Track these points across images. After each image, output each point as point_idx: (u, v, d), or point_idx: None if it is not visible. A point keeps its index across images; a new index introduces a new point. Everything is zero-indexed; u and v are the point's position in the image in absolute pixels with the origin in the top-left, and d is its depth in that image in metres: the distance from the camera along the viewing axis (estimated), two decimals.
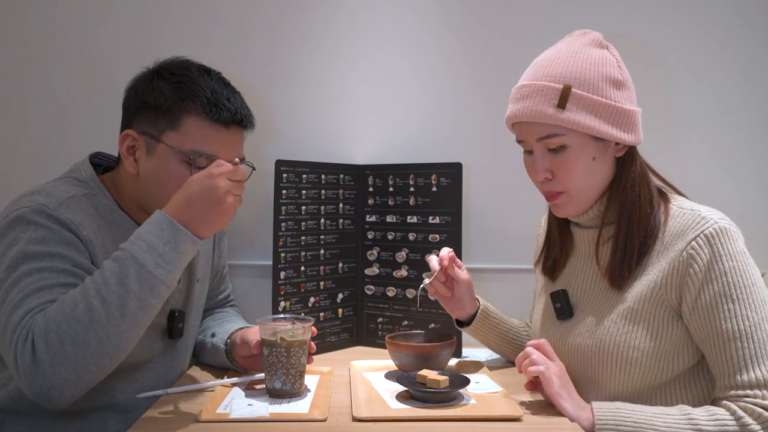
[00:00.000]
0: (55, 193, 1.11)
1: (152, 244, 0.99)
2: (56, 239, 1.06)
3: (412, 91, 1.66)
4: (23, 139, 1.62)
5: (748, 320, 1.03)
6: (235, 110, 1.16)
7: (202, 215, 1.02)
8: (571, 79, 1.10)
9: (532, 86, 1.12)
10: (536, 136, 1.12)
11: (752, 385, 1.01)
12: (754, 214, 1.67)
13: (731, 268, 1.04)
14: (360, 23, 1.64)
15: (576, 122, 1.09)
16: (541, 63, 1.14)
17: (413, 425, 1.01)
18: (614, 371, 1.10)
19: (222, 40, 1.62)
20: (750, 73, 1.66)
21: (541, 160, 1.13)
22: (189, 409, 1.07)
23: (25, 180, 1.59)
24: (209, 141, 1.14)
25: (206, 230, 1.04)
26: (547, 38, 1.22)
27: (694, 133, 1.66)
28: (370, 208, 1.59)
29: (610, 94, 1.10)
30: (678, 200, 1.15)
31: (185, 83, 1.14)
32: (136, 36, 1.60)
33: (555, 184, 1.14)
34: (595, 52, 1.12)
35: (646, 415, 1.02)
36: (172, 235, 1.00)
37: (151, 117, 1.14)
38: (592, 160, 1.12)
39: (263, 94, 1.63)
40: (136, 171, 1.17)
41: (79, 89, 1.60)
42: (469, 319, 1.33)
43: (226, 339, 1.28)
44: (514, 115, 1.14)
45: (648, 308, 1.09)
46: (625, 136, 1.11)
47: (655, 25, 1.65)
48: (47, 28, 1.60)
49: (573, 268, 1.23)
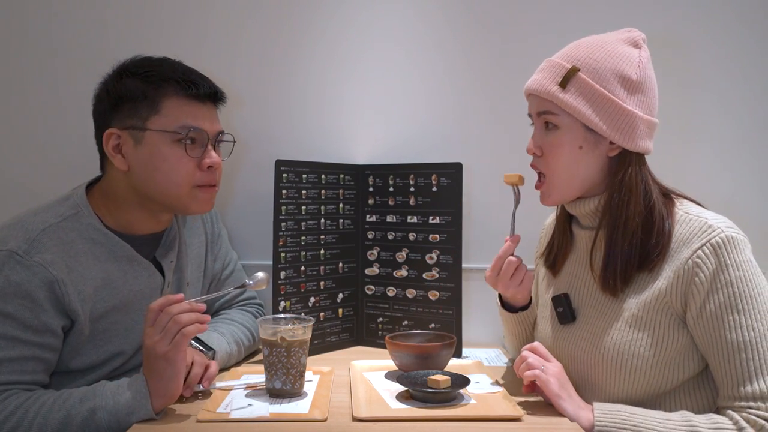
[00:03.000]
0: (30, 227, 1.12)
1: (117, 408, 1.01)
2: (15, 293, 1.06)
3: (412, 91, 1.66)
4: (24, 140, 1.62)
5: (754, 331, 1.02)
6: (208, 85, 1.21)
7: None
8: (583, 63, 1.10)
9: (550, 62, 1.14)
10: (537, 110, 1.15)
11: (755, 396, 1.00)
12: (754, 214, 1.67)
13: (737, 278, 1.03)
14: (360, 23, 1.64)
15: (570, 105, 1.09)
16: (572, 44, 1.16)
17: (413, 425, 1.01)
18: (617, 378, 1.09)
19: (222, 40, 1.62)
20: (750, 73, 1.66)
21: (535, 136, 1.16)
22: (189, 409, 1.07)
23: (25, 180, 1.59)
24: (193, 115, 1.18)
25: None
26: (547, 38, 1.22)
27: (694, 134, 1.66)
28: (370, 208, 1.59)
29: (613, 89, 1.09)
30: (684, 205, 1.13)
31: (154, 71, 1.18)
32: (136, 36, 1.60)
33: (540, 162, 1.16)
34: (623, 47, 1.12)
35: (647, 419, 1.01)
36: (138, 409, 1.01)
37: (130, 110, 1.17)
38: (578, 148, 1.11)
39: (263, 94, 1.63)
40: (126, 167, 1.18)
41: (79, 89, 1.60)
42: (516, 309, 1.33)
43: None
44: (527, 84, 1.17)
45: (652, 315, 1.08)
46: (616, 135, 1.09)
47: (656, 25, 1.65)
48: (47, 28, 1.60)
49: (574, 270, 1.22)
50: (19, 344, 1.06)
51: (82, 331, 1.13)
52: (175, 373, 1.03)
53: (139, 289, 1.21)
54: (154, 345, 1.01)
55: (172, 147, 1.16)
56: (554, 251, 1.26)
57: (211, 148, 1.20)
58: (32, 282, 1.07)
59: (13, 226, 1.12)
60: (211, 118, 1.22)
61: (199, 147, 1.19)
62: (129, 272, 1.20)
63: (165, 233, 1.29)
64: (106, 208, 1.21)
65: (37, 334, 1.08)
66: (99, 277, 1.15)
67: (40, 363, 1.09)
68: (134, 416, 1.01)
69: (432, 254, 1.51)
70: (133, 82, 1.17)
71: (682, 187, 1.19)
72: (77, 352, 1.14)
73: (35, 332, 1.07)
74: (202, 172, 1.19)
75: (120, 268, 1.19)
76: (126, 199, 1.21)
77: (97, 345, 1.16)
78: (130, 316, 1.20)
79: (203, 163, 1.19)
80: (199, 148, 1.19)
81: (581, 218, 1.20)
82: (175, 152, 1.16)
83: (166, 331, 1.01)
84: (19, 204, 1.30)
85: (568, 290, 1.21)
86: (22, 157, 1.61)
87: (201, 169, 1.19)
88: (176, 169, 1.17)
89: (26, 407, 1.02)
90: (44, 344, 1.09)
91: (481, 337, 1.57)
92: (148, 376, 1.03)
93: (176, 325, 1.01)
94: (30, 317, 1.07)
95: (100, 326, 1.16)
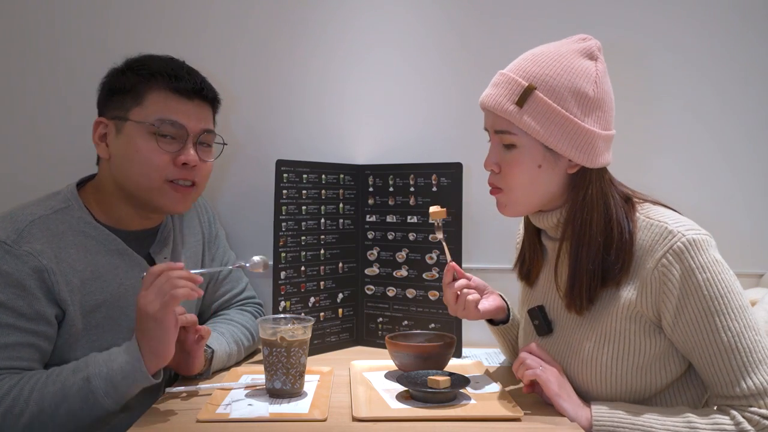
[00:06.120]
0: (19, 218, 1.13)
1: (111, 374, 1.03)
2: (5, 282, 1.07)
3: (413, 91, 1.66)
4: (24, 141, 1.62)
5: (731, 331, 1.01)
6: (195, 81, 1.22)
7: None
8: (539, 80, 1.07)
9: (505, 76, 1.11)
10: (494, 128, 1.12)
11: (746, 395, 1.00)
12: (754, 214, 1.67)
13: (705, 280, 1.02)
14: (360, 23, 1.64)
15: (528, 125, 1.07)
16: (526, 56, 1.12)
17: (413, 425, 1.01)
18: (601, 388, 1.08)
19: (221, 40, 1.62)
20: (750, 73, 1.66)
21: (492, 152, 1.14)
22: (189, 409, 1.07)
23: (25, 181, 1.59)
24: (173, 110, 1.19)
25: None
26: (547, 38, 1.22)
27: (694, 133, 1.66)
28: (371, 208, 1.59)
29: (571, 108, 1.06)
30: (646, 209, 1.11)
31: (147, 65, 1.21)
32: (133, 37, 1.60)
33: (498, 179, 1.14)
34: (579, 61, 1.09)
35: (646, 418, 1.01)
36: (133, 373, 1.03)
37: (119, 100, 1.20)
38: (537, 167, 1.09)
39: (263, 93, 1.63)
40: (107, 155, 1.21)
41: (79, 90, 1.60)
42: (497, 322, 1.33)
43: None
44: (482, 99, 1.14)
45: (625, 325, 1.07)
46: (575, 154, 1.07)
47: (655, 24, 1.64)
48: (46, 27, 1.60)
49: (547, 282, 1.20)
50: (14, 331, 1.07)
51: (74, 323, 1.14)
52: (165, 333, 1.03)
53: (130, 283, 1.21)
54: (146, 305, 1.03)
55: (146, 139, 1.17)
56: (527, 263, 1.25)
57: (190, 146, 1.20)
58: (22, 271, 1.08)
59: (2, 219, 1.14)
60: (196, 115, 1.22)
61: (178, 143, 1.19)
62: (120, 266, 1.21)
63: (159, 230, 1.30)
64: (96, 203, 1.23)
65: (32, 321, 1.09)
66: (88, 270, 1.16)
67: (35, 351, 1.10)
68: (130, 380, 1.02)
69: (432, 254, 1.51)
70: (126, 75, 1.20)
71: (682, 186, 1.19)
72: (72, 347, 1.15)
73: (29, 320, 1.08)
74: (176, 167, 1.19)
75: (110, 262, 1.20)
76: (113, 193, 1.22)
77: (91, 340, 1.16)
78: (124, 312, 1.20)
79: (178, 159, 1.19)
80: (177, 143, 1.19)
81: (548, 230, 1.18)
82: (149, 144, 1.17)
83: (158, 292, 1.03)
84: (16, 203, 1.30)
85: (543, 302, 1.20)
86: (19, 156, 1.61)
87: (176, 165, 1.19)
88: (148, 161, 1.17)
89: (21, 386, 1.03)
90: (39, 332, 1.09)
91: (481, 337, 1.56)
92: (140, 338, 1.04)
93: (170, 286, 1.03)
94: (23, 305, 1.08)
95: (93, 320, 1.17)
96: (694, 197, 1.17)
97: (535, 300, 1.23)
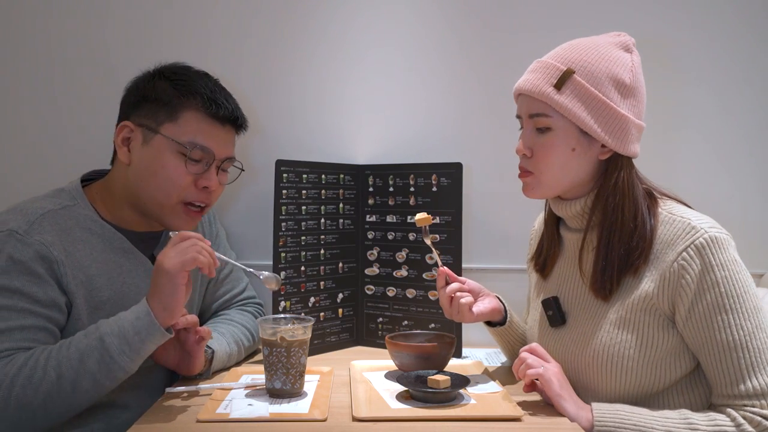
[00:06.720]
0: (29, 210, 1.14)
1: (123, 331, 1.03)
2: (19, 270, 1.08)
3: (413, 91, 1.66)
4: (24, 141, 1.62)
5: (743, 330, 1.02)
6: (231, 109, 1.24)
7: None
8: (577, 65, 1.10)
9: (543, 63, 1.14)
10: (529, 112, 1.13)
11: (750, 395, 1.01)
12: (754, 214, 1.67)
13: (723, 278, 1.03)
14: (360, 23, 1.64)
15: (566, 107, 1.09)
16: (563, 46, 1.15)
17: (413, 425, 1.01)
18: (607, 380, 1.09)
19: (222, 40, 1.62)
20: (750, 73, 1.66)
21: (526, 137, 1.15)
22: (189, 409, 1.07)
23: (26, 180, 1.59)
24: (206, 135, 1.20)
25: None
26: (547, 38, 1.22)
27: (694, 133, 1.66)
28: (371, 208, 1.59)
29: (609, 93, 1.09)
30: (668, 205, 1.13)
31: (186, 81, 1.21)
32: (135, 36, 1.60)
33: (530, 163, 1.15)
34: (616, 51, 1.12)
35: (646, 418, 1.02)
36: (145, 327, 1.04)
37: (151, 110, 1.19)
38: (571, 150, 1.11)
39: (263, 93, 1.63)
40: (128, 160, 1.20)
41: (78, 90, 1.60)
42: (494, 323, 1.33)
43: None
44: (518, 85, 1.16)
45: (640, 317, 1.08)
46: (610, 139, 1.09)
47: (656, 24, 1.65)
48: (48, 29, 1.60)
49: (563, 273, 1.22)
50: (30, 315, 1.08)
51: (80, 317, 1.14)
52: (175, 288, 1.04)
53: (134, 282, 1.21)
54: (164, 260, 1.05)
55: (174, 157, 1.18)
56: (543, 255, 1.26)
57: (213, 171, 1.22)
58: (34, 259, 1.09)
59: (12, 211, 1.15)
60: (225, 142, 1.24)
61: (203, 165, 1.20)
62: (125, 264, 1.21)
63: (163, 232, 1.30)
64: (102, 202, 1.23)
65: (46, 307, 1.09)
66: (94, 266, 1.17)
67: (50, 336, 1.10)
68: (143, 333, 1.03)
69: (432, 254, 1.51)
70: (163, 86, 1.20)
71: (681, 186, 1.19)
72: None
73: (44, 306, 1.09)
74: (196, 190, 1.21)
75: (115, 260, 1.20)
76: (123, 197, 1.22)
77: None
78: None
79: (199, 182, 1.20)
80: (202, 166, 1.20)
81: (568, 220, 1.20)
82: (176, 163, 1.18)
83: (181, 251, 1.05)
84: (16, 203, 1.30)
85: (558, 293, 1.21)
86: (19, 156, 1.61)
87: (196, 188, 1.21)
88: (171, 179, 1.18)
89: (36, 357, 1.03)
90: (53, 318, 1.10)
91: (481, 337, 1.56)
92: (150, 297, 1.06)
93: (194, 250, 1.06)
94: (38, 291, 1.09)
95: (96, 318, 1.16)
96: (695, 197, 1.17)
97: (549, 291, 1.24)
